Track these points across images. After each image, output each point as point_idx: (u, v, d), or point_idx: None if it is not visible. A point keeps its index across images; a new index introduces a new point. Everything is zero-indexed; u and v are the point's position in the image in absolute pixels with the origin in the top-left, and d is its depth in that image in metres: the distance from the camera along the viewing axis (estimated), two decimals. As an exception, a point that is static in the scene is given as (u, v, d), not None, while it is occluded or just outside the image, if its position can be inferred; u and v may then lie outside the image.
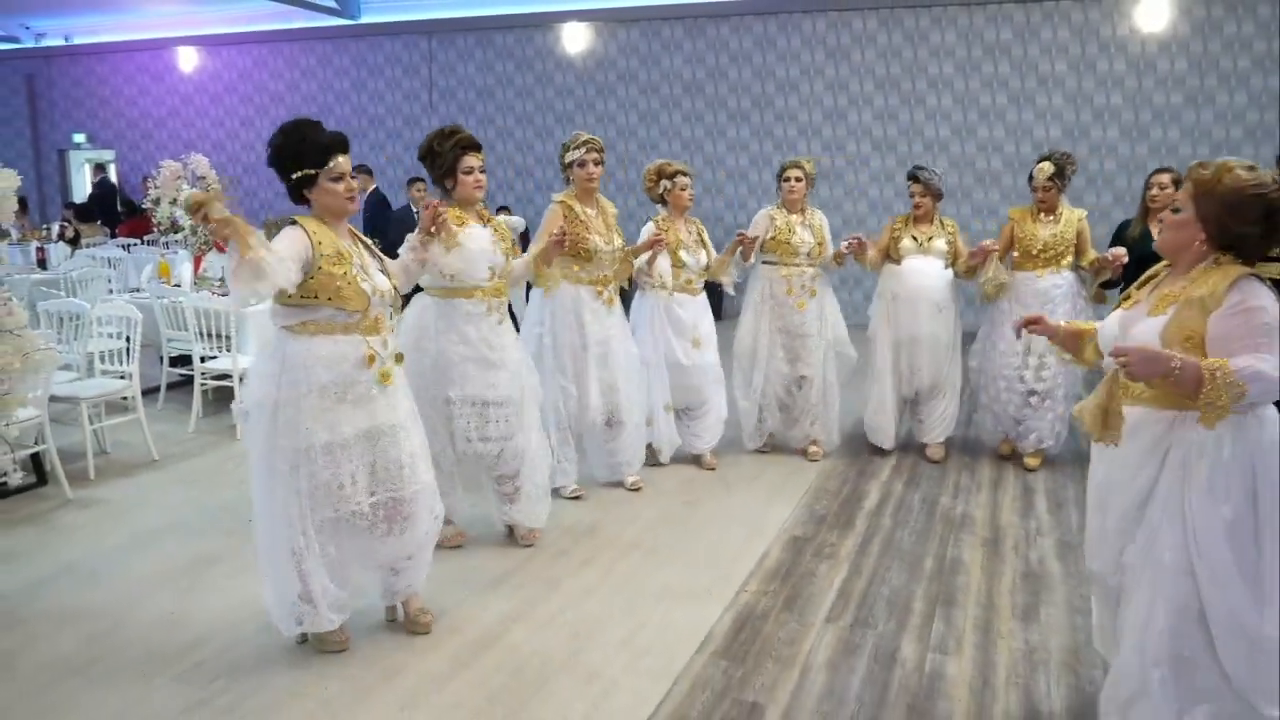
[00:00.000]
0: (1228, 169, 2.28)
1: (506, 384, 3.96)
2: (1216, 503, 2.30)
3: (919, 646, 3.31)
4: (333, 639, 3.22)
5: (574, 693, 3.00)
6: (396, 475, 3.16)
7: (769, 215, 5.34)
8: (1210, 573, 2.34)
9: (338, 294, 2.99)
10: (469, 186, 3.90)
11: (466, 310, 3.88)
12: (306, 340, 3.02)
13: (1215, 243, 2.33)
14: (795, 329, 5.32)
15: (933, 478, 5.16)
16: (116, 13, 12.93)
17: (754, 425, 5.51)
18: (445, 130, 3.93)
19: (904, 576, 3.90)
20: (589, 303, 4.63)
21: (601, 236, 4.63)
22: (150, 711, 2.88)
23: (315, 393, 2.99)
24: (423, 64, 12.36)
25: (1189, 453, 2.30)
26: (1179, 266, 2.43)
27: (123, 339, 5.80)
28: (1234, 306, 2.24)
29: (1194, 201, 2.34)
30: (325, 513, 3.06)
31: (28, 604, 3.63)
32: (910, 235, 5.29)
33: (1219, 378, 2.11)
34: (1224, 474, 2.29)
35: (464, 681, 3.06)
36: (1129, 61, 9.54)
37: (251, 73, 13.34)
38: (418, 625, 3.38)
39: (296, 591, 3.07)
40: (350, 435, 3.05)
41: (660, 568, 3.97)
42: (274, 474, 3.03)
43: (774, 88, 10.82)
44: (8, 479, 4.78)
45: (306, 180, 3.06)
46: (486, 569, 3.93)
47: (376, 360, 3.09)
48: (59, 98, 14.64)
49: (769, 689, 3.03)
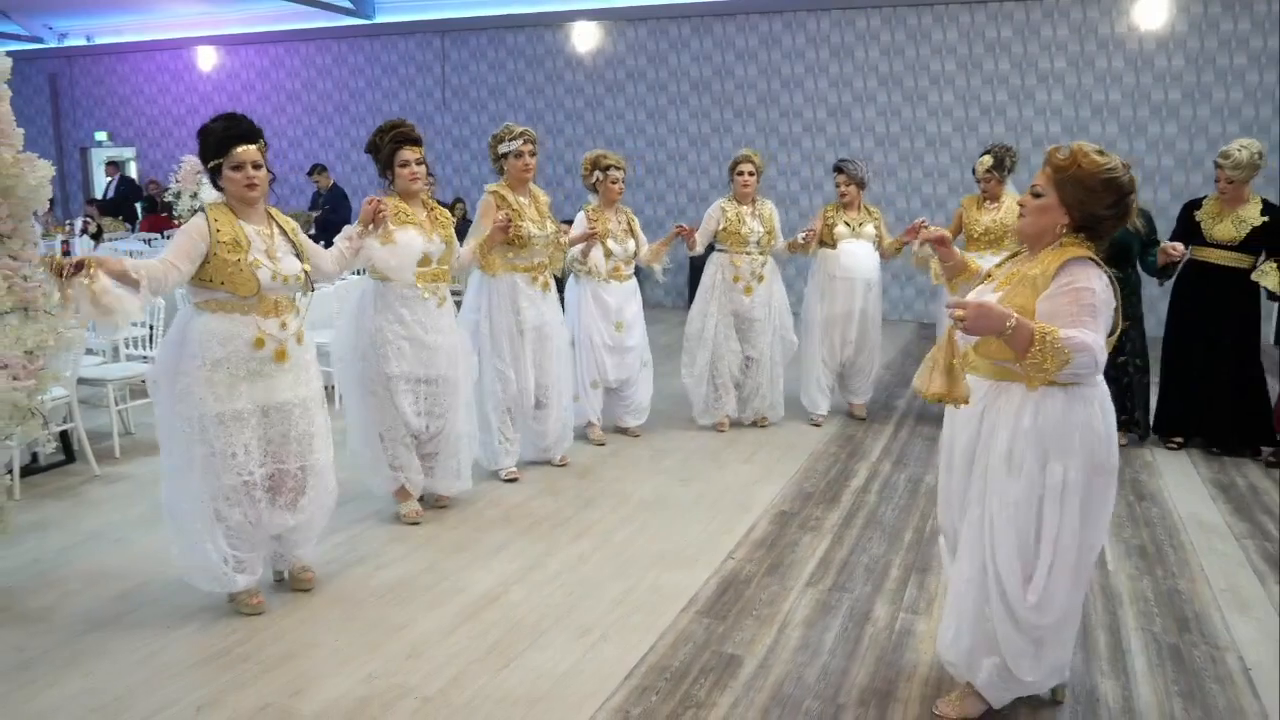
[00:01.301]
0: (1083, 153, 2.39)
1: (442, 364, 4.21)
2: (1010, 471, 2.45)
3: (891, 608, 3.52)
4: (244, 601, 3.42)
5: (567, 644, 3.23)
6: (288, 449, 3.38)
7: (720, 207, 5.69)
8: (991, 538, 2.52)
9: (230, 279, 3.19)
10: (405, 179, 4.12)
11: (401, 293, 4.13)
12: (207, 317, 3.24)
13: (1075, 225, 2.45)
14: (744, 313, 5.71)
15: (920, 459, 5.36)
16: (137, 13, 13.25)
17: (702, 402, 5.85)
18: (386, 125, 4.16)
19: (883, 547, 4.11)
20: (524, 289, 4.79)
21: (535, 224, 4.76)
22: (174, 658, 3.13)
23: (209, 365, 3.20)
24: (436, 62, 12.62)
25: (997, 420, 2.47)
26: (1034, 249, 2.53)
27: (145, 326, 6.09)
28: (1063, 286, 2.37)
29: (1055, 186, 2.44)
30: (223, 479, 3.25)
31: (61, 566, 3.89)
32: (843, 221, 5.86)
33: (1048, 341, 2.22)
34: (1020, 444, 2.43)
35: (466, 634, 3.30)
36: (1127, 58, 9.68)
37: (269, 71, 13.64)
38: (299, 582, 3.61)
39: (202, 552, 3.29)
40: (244, 408, 3.25)
41: (653, 539, 4.19)
42: (174, 440, 3.27)
43: (779, 84, 11.02)
44: (39, 451, 5.08)
45: (216, 169, 3.27)
46: (487, 538, 4.16)
47: (267, 341, 3.27)
48: (81, 96, 15.00)
49: (748, 643, 3.25)
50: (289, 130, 13.57)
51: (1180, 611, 3.50)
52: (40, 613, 3.46)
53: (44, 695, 2.90)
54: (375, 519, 4.35)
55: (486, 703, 2.87)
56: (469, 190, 12.39)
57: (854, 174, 5.83)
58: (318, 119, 13.44)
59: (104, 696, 2.88)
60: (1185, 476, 5.03)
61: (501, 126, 4.77)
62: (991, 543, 2.53)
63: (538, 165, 4.85)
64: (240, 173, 3.23)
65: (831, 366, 6.03)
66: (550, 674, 3.03)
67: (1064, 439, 2.42)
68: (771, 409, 5.94)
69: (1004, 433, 2.47)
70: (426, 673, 3.03)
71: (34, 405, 3.61)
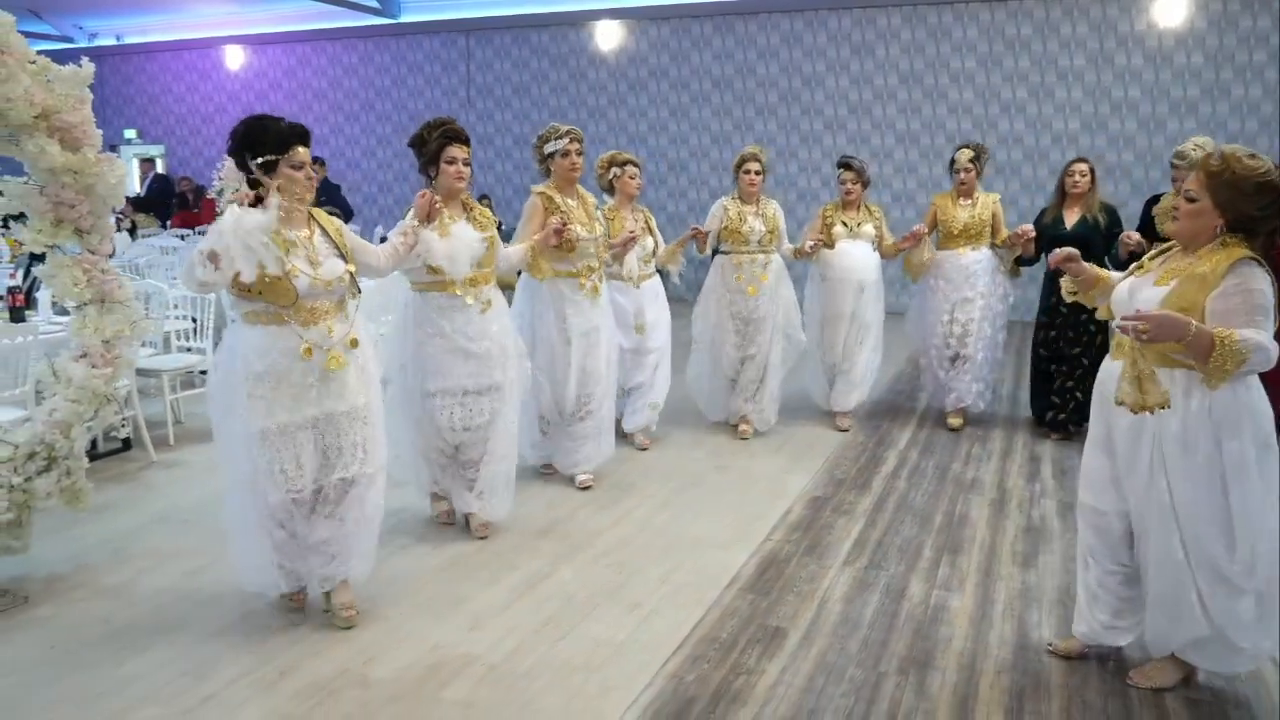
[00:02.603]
0: (1235, 158, 2.56)
1: (494, 372, 4.04)
2: (1186, 451, 2.63)
3: (926, 585, 3.69)
4: (289, 600, 3.42)
5: (619, 617, 3.41)
6: (338, 462, 3.25)
7: (723, 205, 5.61)
8: (1178, 518, 2.68)
9: (268, 288, 3.06)
10: (450, 176, 3.98)
11: (439, 304, 3.96)
12: (247, 329, 3.15)
13: (1230, 226, 2.61)
14: (748, 314, 5.57)
15: (947, 447, 5.52)
16: (166, 13, 13.49)
17: (709, 397, 5.79)
18: (435, 121, 4.04)
19: (915, 529, 4.28)
20: (570, 295, 4.63)
21: (584, 227, 4.62)
22: (251, 629, 3.32)
23: (252, 380, 3.10)
24: (461, 61, 12.82)
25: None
26: (1190, 248, 2.69)
27: (188, 319, 6.30)
28: (1235, 286, 2.54)
29: (1208, 191, 2.60)
30: (270, 497, 3.16)
31: (132, 545, 4.10)
32: (841, 221, 5.77)
33: (1227, 345, 2.40)
34: (1193, 424, 2.61)
35: (522, 608, 3.48)
36: (1146, 55, 9.79)
37: (296, 70, 13.86)
38: (339, 619, 3.35)
39: (253, 560, 3.26)
40: (289, 422, 3.14)
41: (693, 522, 4.37)
42: (226, 454, 3.24)
43: (800, 83, 11.16)
44: (98, 437, 5.29)
45: (270, 165, 3.14)
46: (534, 522, 4.35)
47: (315, 351, 3.13)
48: (111, 95, 15.24)
49: (791, 617, 3.42)
50: (315, 128, 13.63)
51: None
52: (119, 588, 3.67)
53: (134, 661, 3.10)
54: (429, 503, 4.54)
55: (548, 670, 3.05)
56: (492, 187, 12.59)
57: (861, 171, 5.75)
58: (344, 117, 13.65)
59: (190, 662, 3.09)
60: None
61: (547, 126, 4.70)
62: (1179, 522, 2.66)
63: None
64: (301, 172, 3.19)
65: (825, 367, 5.99)
66: (607, 644, 3.21)
67: (1234, 419, 2.58)
68: (757, 411, 5.71)
69: (1175, 416, 2.61)
70: (489, 643, 3.22)
71: (110, 392, 3.81)
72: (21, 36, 3.40)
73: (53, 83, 3.46)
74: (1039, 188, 10.05)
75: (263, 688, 2.94)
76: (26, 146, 3.41)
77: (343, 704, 2.85)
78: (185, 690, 2.92)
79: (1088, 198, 5.45)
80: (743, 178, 5.57)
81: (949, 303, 5.75)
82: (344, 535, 3.30)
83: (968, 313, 5.72)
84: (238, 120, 3.23)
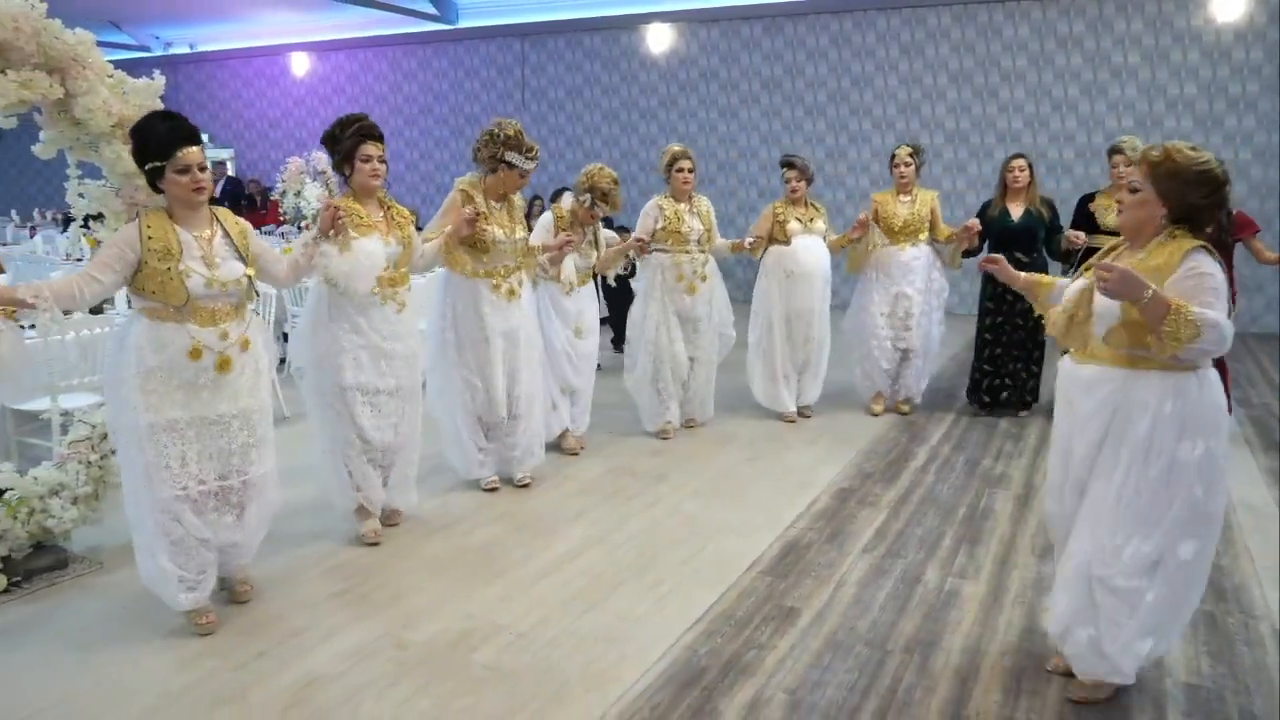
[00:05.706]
0: (1176, 149, 2.65)
1: (402, 372, 4.04)
2: (1150, 453, 2.64)
3: (941, 572, 3.81)
4: (194, 620, 3.28)
5: (641, 595, 3.60)
6: (230, 464, 3.28)
7: (658, 205, 5.55)
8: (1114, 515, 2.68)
9: (160, 287, 3.07)
10: (365, 174, 3.90)
11: (358, 301, 3.89)
12: (143, 323, 3.13)
13: (1173, 216, 2.69)
14: (688, 313, 5.61)
15: (979, 443, 5.59)
16: (236, 22, 14.08)
17: (647, 407, 5.73)
18: (348, 118, 3.94)
19: (937, 520, 4.38)
20: (487, 295, 4.54)
21: (503, 229, 4.54)
22: (301, 595, 3.60)
23: (143, 373, 3.10)
24: (516, 65, 13.14)
25: (1132, 410, 2.66)
26: (1137, 241, 2.77)
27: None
28: (1189, 270, 2.60)
29: (1151, 180, 2.69)
30: (160, 492, 3.15)
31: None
32: (794, 218, 5.88)
33: (1182, 313, 2.47)
34: (1163, 427, 2.63)
35: (551, 584, 3.70)
36: (1203, 51, 9.64)
37: (358, 76, 14.34)
38: (238, 595, 3.51)
39: (154, 564, 3.21)
40: (179, 418, 3.14)
41: (719, 509, 4.54)
42: (121, 447, 3.24)
43: (849, 83, 11.22)
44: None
45: (156, 172, 3.11)
46: (566, 508, 4.57)
47: (205, 352, 3.13)
48: (184, 100, 15.92)
49: (806, 598, 3.58)
50: (376, 131, 14.22)
51: (1220, 584, 3.69)
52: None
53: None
54: (462, 488, 4.78)
55: (570, 639, 3.26)
56: (545, 188, 12.86)
57: (805, 169, 5.84)
58: (403, 120, 14.07)
59: (248, 620, 3.38)
60: (1241, 461, 5.16)
61: (515, 131, 4.50)
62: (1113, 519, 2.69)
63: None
64: (186, 176, 3.09)
65: (795, 363, 6.06)
66: (627, 618, 3.41)
67: (1202, 419, 2.64)
68: (702, 409, 5.89)
69: (1145, 419, 2.64)
70: (517, 614, 3.44)
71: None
72: (100, 53, 3.71)
73: (128, 94, 3.77)
74: (1091, 186, 9.93)
75: (309, 647, 3.20)
76: (104, 152, 3.72)
77: (379, 663, 3.10)
78: (240, 646, 3.20)
79: (1029, 191, 5.84)
80: (676, 176, 5.54)
81: (889, 296, 5.99)
82: (238, 539, 3.38)
83: (906, 307, 5.97)
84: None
